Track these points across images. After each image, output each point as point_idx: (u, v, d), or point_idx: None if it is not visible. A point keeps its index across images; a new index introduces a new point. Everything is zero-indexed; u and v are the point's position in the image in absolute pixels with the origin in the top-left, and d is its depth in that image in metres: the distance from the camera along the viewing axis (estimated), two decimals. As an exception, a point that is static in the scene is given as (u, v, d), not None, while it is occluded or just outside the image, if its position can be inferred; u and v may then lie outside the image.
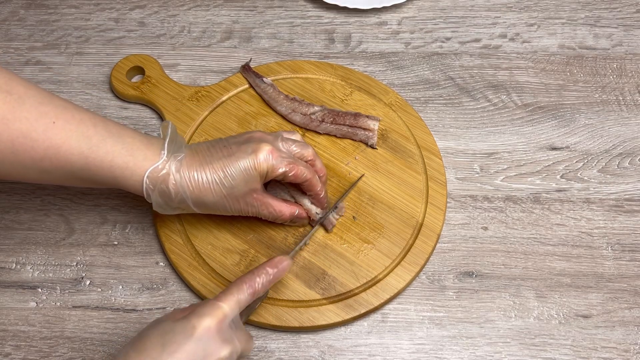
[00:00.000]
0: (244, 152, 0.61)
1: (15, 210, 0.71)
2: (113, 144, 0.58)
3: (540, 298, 0.66)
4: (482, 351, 0.63)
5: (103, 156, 0.58)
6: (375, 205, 0.69)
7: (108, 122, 0.60)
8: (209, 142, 0.63)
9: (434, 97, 0.79)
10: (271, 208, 0.64)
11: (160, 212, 0.62)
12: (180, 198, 0.60)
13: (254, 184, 0.61)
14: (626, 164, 0.74)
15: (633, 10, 0.86)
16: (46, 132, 0.56)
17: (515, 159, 0.74)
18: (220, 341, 0.51)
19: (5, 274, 0.67)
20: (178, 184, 0.59)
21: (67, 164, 0.57)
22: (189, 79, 0.80)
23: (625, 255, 0.68)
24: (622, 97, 0.79)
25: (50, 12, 0.86)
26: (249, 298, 0.55)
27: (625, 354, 0.63)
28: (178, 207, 0.62)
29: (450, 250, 0.69)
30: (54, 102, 0.57)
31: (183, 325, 0.51)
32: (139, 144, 0.59)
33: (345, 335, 0.64)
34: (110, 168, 0.58)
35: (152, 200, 0.60)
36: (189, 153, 0.61)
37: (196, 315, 0.52)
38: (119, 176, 0.59)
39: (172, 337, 0.50)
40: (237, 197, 0.61)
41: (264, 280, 0.56)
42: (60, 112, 0.57)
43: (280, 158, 0.61)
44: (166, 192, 0.59)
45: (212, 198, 0.60)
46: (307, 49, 0.83)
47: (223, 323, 0.52)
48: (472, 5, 0.87)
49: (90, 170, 0.58)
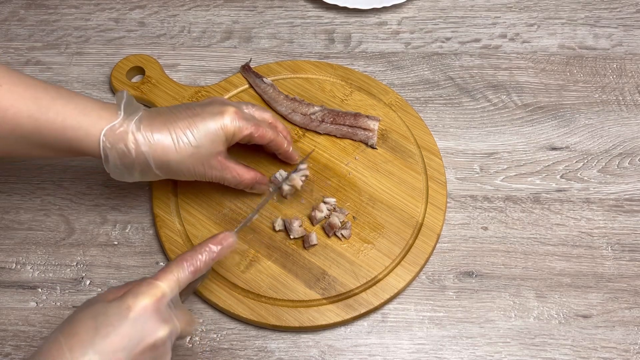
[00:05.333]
0: (210, 112, 0.60)
1: (15, 210, 0.71)
2: (64, 104, 0.57)
3: (540, 298, 0.66)
4: (482, 351, 0.63)
5: (54, 117, 0.56)
6: (375, 205, 0.69)
7: (60, 87, 0.58)
8: (169, 107, 0.62)
9: (433, 97, 0.79)
10: (234, 172, 0.64)
11: (117, 179, 0.60)
12: (142, 160, 0.58)
13: (220, 145, 0.61)
14: (626, 164, 0.74)
15: (633, 10, 0.86)
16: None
17: (515, 159, 0.74)
18: (158, 321, 0.49)
19: (5, 274, 0.67)
20: (139, 142, 0.57)
21: (17, 127, 0.56)
22: (189, 79, 0.80)
23: (625, 255, 0.68)
24: (622, 97, 0.79)
25: (50, 12, 0.86)
26: (190, 276, 0.53)
27: (625, 354, 0.63)
28: (138, 171, 0.59)
29: (450, 250, 0.69)
30: (1, 69, 0.56)
31: (117, 306, 0.49)
32: (93, 105, 0.58)
33: (345, 335, 0.64)
34: (63, 129, 0.56)
35: (110, 162, 0.58)
36: (148, 115, 0.59)
37: (132, 295, 0.49)
38: (72, 137, 0.57)
39: (106, 319, 0.48)
40: (201, 159, 0.60)
41: (207, 257, 0.54)
42: (7, 77, 0.56)
43: (245, 120, 0.62)
44: (126, 152, 0.57)
45: (176, 157, 0.59)
46: (307, 49, 0.83)
47: (160, 302, 0.50)
48: (472, 5, 0.87)
49: (42, 133, 0.56)
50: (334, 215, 0.67)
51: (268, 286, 0.64)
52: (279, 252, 0.66)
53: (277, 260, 0.66)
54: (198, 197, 0.69)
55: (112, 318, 0.48)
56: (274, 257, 0.66)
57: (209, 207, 0.69)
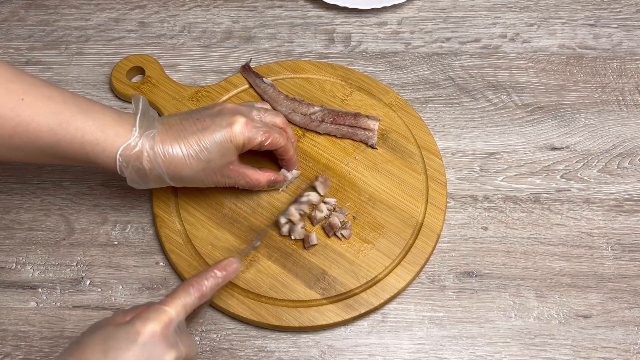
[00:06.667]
0: (219, 125, 0.61)
1: (15, 210, 0.71)
2: (83, 120, 0.57)
3: (540, 298, 0.66)
4: (482, 351, 0.63)
5: (73, 132, 0.57)
6: (375, 205, 0.69)
7: (79, 98, 0.59)
8: (181, 115, 0.63)
9: (434, 97, 0.79)
10: (247, 178, 0.65)
11: (135, 187, 0.62)
12: (156, 174, 0.59)
13: (230, 156, 0.62)
14: (626, 164, 0.74)
15: (633, 10, 0.86)
16: (14, 109, 0.55)
17: (515, 159, 0.74)
18: (165, 346, 0.50)
19: (5, 274, 0.67)
20: (152, 160, 0.59)
21: (37, 140, 0.56)
22: (189, 79, 0.80)
23: (625, 255, 0.68)
24: (622, 97, 0.79)
25: (50, 12, 0.86)
26: (196, 302, 0.54)
27: (625, 354, 0.63)
28: (153, 182, 0.61)
29: (450, 250, 0.69)
30: (22, 79, 0.57)
31: (126, 330, 0.49)
32: (110, 120, 0.59)
33: (345, 335, 0.64)
34: (81, 145, 0.57)
35: (127, 176, 0.60)
36: (162, 128, 0.60)
37: (140, 320, 0.50)
38: (90, 152, 0.58)
39: (115, 342, 0.49)
40: (214, 170, 0.61)
41: (212, 283, 0.56)
42: (29, 89, 0.57)
43: (255, 129, 0.62)
44: (141, 169, 0.59)
45: (189, 172, 0.60)
46: (307, 49, 0.83)
47: (168, 328, 0.51)
48: (472, 5, 0.87)
49: (61, 147, 0.57)
50: (334, 215, 0.67)
51: (268, 286, 0.64)
52: (279, 252, 0.66)
53: (277, 260, 0.66)
54: (198, 197, 0.69)
55: (121, 342, 0.49)
56: (274, 257, 0.66)
57: (209, 207, 0.69)
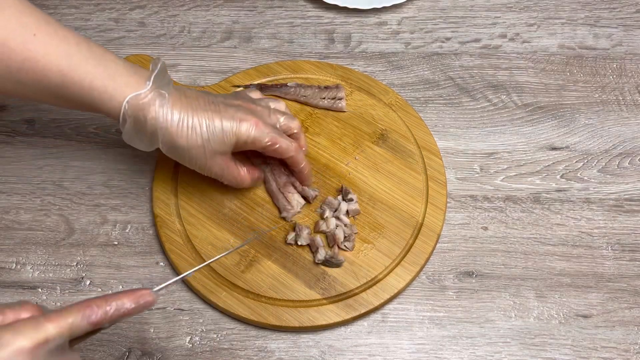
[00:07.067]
0: (231, 115, 0.61)
1: (15, 210, 0.71)
2: (95, 66, 0.57)
3: (540, 298, 0.66)
4: (482, 351, 0.63)
5: (82, 76, 0.56)
6: (375, 205, 0.69)
7: (92, 44, 0.59)
8: (199, 92, 0.63)
9: (434, 97, 0.79)
10: (234, 173, 0.65)
11: (127, 142, 0.61)
12: (153, 131, 0.59)
13: (227, 147, 0.62)
14: (626, 164, 0.74)
15: (633, 10, 0.86)
16: (25, 43, 0.54)
17: (515, 159, 0.74)
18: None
19: (5, 274, 0.67)
20: (157, 117, 0.58)
21: (44, 78, 0.56)
22: (189, 79, 0.80)
23: (625, 255, 0.68)
24: (622, 97, 0.79)
25: (50, 12, 0.86)
26: (88, 327, 0.47)
27: (625, 354, 0.63)
28: (146, 141, 0.60)
29: (450, 250, 0.69)
30: (35, 15, 0.56)
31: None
32: (122, 70, 0.58)
33: (346, 335, 0.64)
34: (89, 89, 0.57)
35: (125, 128, 0.59)
36: (176, 94, 0.60)
37: (12, 332, 0.44)
38: (96, 98, 0.57)
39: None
40: (206, 152, 0.61)
41: (114, 313, 0.48)
42: (42, 26, 0.56)
43: (263, 131, 0.62)
44: (142, 122, 0.58)
45: (184, 143, 0.60)
46: (307, 49, 0.83)
47: (40, 348, 0.44)
48: (472, 5, 0.87)
49: (68, 88, 0.57)
50: (340, 229, 0.66)
51: (268, 286, 0.64)
52: (279, 252, 0.66)
53: (277, 260, 0.66)
54: (198, 197, 0.69)
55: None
56: (274, 257, 0.66)
57: (209, 207, 0.69)
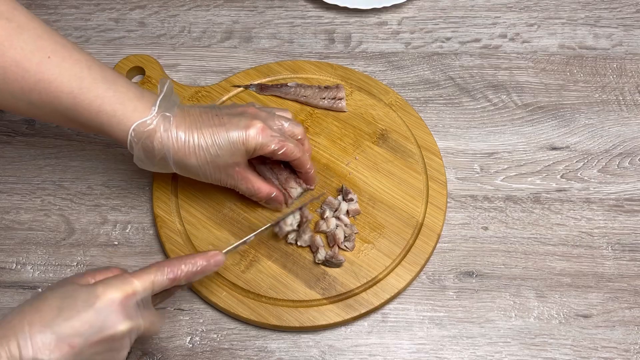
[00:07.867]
0: (236, 125, 0.61)
1: (15, 210, 0.71)
2: (105, 90, 0.58)
3: (541, 298, 0.66)
4: (483, 351, 0.63)
5: (92, 99, 0.58)
6: (376, 205, 0.69)
7: (104, 68, 0.60)
8: (202, 107, 0.63)
9: (434, 97, 0.79)
10: (250, 184, 0.65)
11: (139, 166, 0.62)
12: (163, 156, 0.60)
13: (239, 157, 0.62)
14: (626, 164, 0.74)
15: (633, 10, 0.86)
16: (39, 65, 0.56)
17: (515, 159, 0.74)
18: (121, 316, 0.50)
19: (6, 274, 0.67)
20: (163, 142, 0.59)
21: (55, 100, 0.57)
22: (189, 79, 0.80)
23: (625, 255, 0.68)
24: (622, 97, 0.79)
25: (51, 12, 0.86)
26: (167, 282, 0.54)
27: (625, 354, 0.63)
28: (158, 165, 0.61)
29: (451, 250, 0.69)
30: (53, 38, 0.58)
31: (87, 292, 0.50)
32: (131, 95, 0.59)
33: (346, 335, 0.64)
34: (98, 113, 0.58)
35: (134, 153, 0.60)
36: (180, 114, 0.61)
37: (103, 285, 0.51)
38: (105, 123, 0.58)
39: (72, 302, 0.49)
40: (219, 167, 0.62)
41: (189, 269, 0.55)
42: (58, 49, 0.57)
43: (270, 136, 0.62)
44: (149, 148, 0.59)
45: (195, 162, 0.61)
46: (307, 49, 0.83)
47: (129, 299, 0.51)
48: (472, 5, 0.87)
49: (78, 111, 0.58)
50: (340, 229, 0.66)
51: (268, 286, 0.64)
52: (279, 252, 0.66)
53: (277, 260, 0.66)
54: (198, 197, 0.69)
55: (78, 303, 0.49)
56: (274, 257, 0.66)
57: (209, 207, 0.69)
